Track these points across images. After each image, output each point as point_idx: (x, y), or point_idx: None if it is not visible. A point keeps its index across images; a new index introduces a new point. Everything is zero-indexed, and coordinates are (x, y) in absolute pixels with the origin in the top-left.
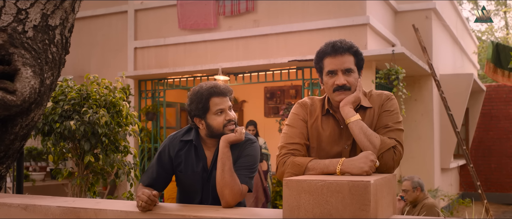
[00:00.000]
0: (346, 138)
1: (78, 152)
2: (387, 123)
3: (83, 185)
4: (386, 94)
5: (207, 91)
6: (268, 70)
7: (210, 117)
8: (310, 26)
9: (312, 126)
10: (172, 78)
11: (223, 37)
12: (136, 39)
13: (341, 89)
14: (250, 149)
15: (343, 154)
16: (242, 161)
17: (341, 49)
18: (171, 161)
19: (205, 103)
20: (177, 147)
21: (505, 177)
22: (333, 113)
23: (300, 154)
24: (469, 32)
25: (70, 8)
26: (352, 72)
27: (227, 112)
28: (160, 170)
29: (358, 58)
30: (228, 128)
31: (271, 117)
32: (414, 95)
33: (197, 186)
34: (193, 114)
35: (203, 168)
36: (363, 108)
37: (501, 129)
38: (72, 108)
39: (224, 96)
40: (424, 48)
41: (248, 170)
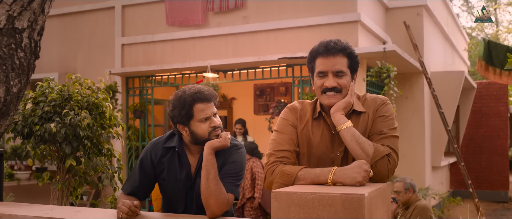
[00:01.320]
0: (338, 144)
1: (59, 155)
2: (381, 129)
3: (65, 190)
4: (381, 99)
5: (190, 97)
6: (258, 67)
7: (194, 124)
8: (300, 23)
9: (302, 131)
10: (160, 75)
11: (211, 34)
12: (123, 36)
13: (331, 92)
14: (235, 155)
15: (335, 161)
16: (227, 168)
17: (334, 50)
18: (153, 167)
19: (189, 110)
20: (159, 153)
21: (495, 175)
22: (324, 117)
23: (289, 162)
24: (460, 28)
25: (39, 9)
26: (344, 75)
27: (212, 119)
28: (142, 177)
29: (353, 61)
30: (213, 135)
31: (260, 115)
32: (405, 93)
33: (180, 194)
34: (176, 120)
35: (187, 175)
36: (357, 113)
37: (491, 126)
38: (53, 110)
39: (208, 102)
40: (415, 45)
41: (234, 178)
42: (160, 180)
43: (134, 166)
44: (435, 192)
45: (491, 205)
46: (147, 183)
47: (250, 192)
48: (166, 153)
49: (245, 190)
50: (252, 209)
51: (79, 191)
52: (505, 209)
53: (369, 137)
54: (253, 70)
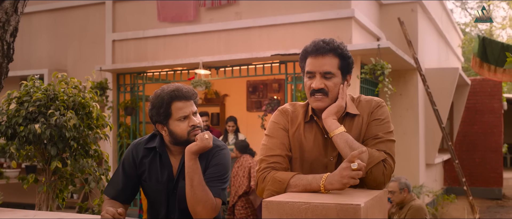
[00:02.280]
0: (332, 149)
1: (45, 156)
2: (377, 133)
3: (50, 192)
4: (376, 101)
5: (168, 95)
6: (251, 64)
7: (173, 123)
8: (294, 19)
9: (294, 135)
10: (152, 72)
11: (204, 30)
12: (114, 32)
13: (318, 94)
14: (219, 157)
15: (329, 166)
16: (211, 171)
17: (323, 50)
18: (135, 169)
19: (167, 108)
20: (140, 154)
21: (489, 172)
22: (317, 120)
23: (281, 167)
24: (454, 24)
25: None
26: (333, 76)
27: (191, 117)
28: (126, 179)
29: (344, 62)
30: (193, 134)
31: (253, 111)
32: (399, 90)
33: (162, 196)
34: (154, 119)
35: (169, 177)
36: (350, 116)
37: (485, 123)
38: (38, 110)
39: (187, 100)
40: (409, 42)
41: (220, 181)
42: (142, 182)
43: (117, 168)
44: (429, 189)
45: (485, 202)
46: (131, 185)
47: (242, 189)
48: (148, 153)
49: (237, 188)
50: (243, 208)
51: (65, 193)
52: (499, 206)
53: (363, 141)
54: (246, 67)
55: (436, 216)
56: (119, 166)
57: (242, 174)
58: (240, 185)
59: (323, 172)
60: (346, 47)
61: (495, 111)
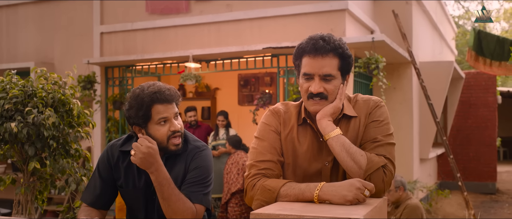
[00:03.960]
0: (327, 153)
1: (22, 156)
2: (375, 136)
3: (29, 194)
4: (374, 101)
5: (149, 97)
6: (242, 57)
7: (152, 127)
8: (286, 12)
9: (286, 138)
10: (141, 65)
11: (194, 22)
12: (102, 24)
13: (316, 98)
14: (199, 159)
15: (323, 172)
16: (191, 175)
17: (323, 50)
18: (112, 172)
19: (147, 111)
20: (116, 157)
21: (483, 166)
22: (310, 123)
23: (273, 174)
24: (448, 17)
25: None
26: (333, 79)
27: (172, 122)
28: (103, 184)
29: (345, 62)
30: (172, 141)
31: (245, 105)
32: (393, 84)
33: (140, 203)
34: (132, 121)
35: (146, 183)
36: (347, 118)
37: (479, 117)
38: (14, 107)
39: (169, 103)
40: (404, 34)
41: (201, 185)
42: (118, 187)
43: (93, 171)
44: (423, 185)
45: (479, 196)
46: (109, 189)
47: (235, 186)
48: (124, 157)
49: (231, 185)
50: (237, 205)
51: (45, 195)
52: (493, 201)
53: (361, 145)
54: (237, 60)
55: (430, 212)
56: (95, 170)
57: (236, 171)
58: (234, 182)
59: (317, 178)
60: (346, 45)
61: (490, 104)
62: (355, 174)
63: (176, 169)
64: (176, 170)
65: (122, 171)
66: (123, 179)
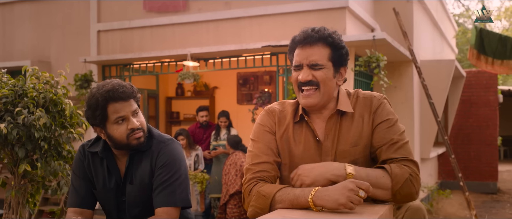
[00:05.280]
0: (325, 153)
1: (13, 158)
2: (391, 137)
3: (20, 197)
4: (377, 99)
5: (103, 96)
6: (241, 56)
7: (110, 126)
8: (285, 9)
9: (281, 137)
10: (138, 63)
11: (192, 20)
12: (99, 22)
13: (306, 86)
14: (164, 156)
15: None
16: (159, 174)
17: (311, 38)
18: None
19: (102, 110)
20: (87, 158)
21: (484, 166)
22: (307, 120)
23: (269, 176)
24: (448, 15)
25: None
26: (322, 68)
27: (130, 119)
28: (83, 183)
29: (337, 52)
30: (133, 137)
31: (244, 104)
32: (394, 83)
33: (111, 204)
34: (90, 122)
35: (117, 183)
36: (341, 114)
37: (481, 116)
38: (4, 108)
39: (124, 101)
40: (405, 33)
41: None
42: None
43: (71, 176)
44: (424, 185)
45: (480, 196)
46: (90, 188)
47: (233, 187)
48: (93, 158)
49: (229, 186)
50: (236, 207)
51: (37, 198)
52: (494, 201)
53: (378, 148)
54: (236, 58)
55: (432, 212)
56: (72, 173)
57: (234, 172)
58: (232, 183)
59: None
60: (340, 36)
61: (491, 103)
62: (386, 197)
63: (142, 166)
64: (142, 168)
65: (93, 172)
66: (95, 180)
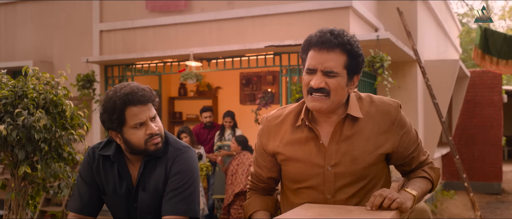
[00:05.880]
0: (328, 157)
1: (13, 160)
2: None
3: (20, 199)
4: (394, 107)
5: (121, 99)
6: (244, 56)
7: (128, 131)
8: (289, 9)
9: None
10: (141, 63)
11: (195, 20)
12: (101, 22)
13: (316, 93)
14: (179, 163)
15: (326, 177)
16: (172, 181)
17: (329, 44)
18: (94, 176)
19: (120, 114)
20: (96, 161)
21: (488, 166)
22: (309, 125)
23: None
24: (452, 15)
25: None
26: (337, 75)
27: (148, 124)
28: (88, 189)
29: (353, 61)
30: (151, 143)
31: (247, 104)
32: (398, 83)
33: (122, 211)
34: (107, 126)
35: (128, 189)
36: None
37: (485, 116)
38: (4, 109)
39: (143, 105)
40: (409, 32)
41: (184, 193)
42: (101, 194)
43: (76, 178)
44: None
45: (484, 197)
46: (94, 195)
47: (239, 187)
48: (104, 161)
49: (235, 186)
50: (241, 207)
51: (38, 200)
52: (499, 202)
53: (408, 157)
54: (239, 58)
55: (436, 213)
56: (78, 176)
57: (241, 171)
58: (238, 183)
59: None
60: (358, 43)
61: (495, 103)
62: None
63: (156, 173)
64: (156, 175)
65: (103, 176)
66: (104, 185)
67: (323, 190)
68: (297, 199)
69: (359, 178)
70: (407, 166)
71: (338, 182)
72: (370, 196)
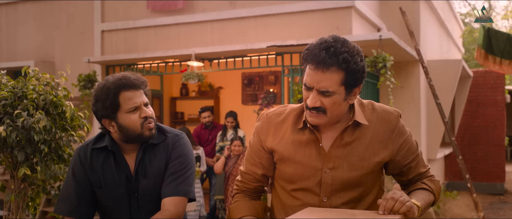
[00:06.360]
0: (327, 159)
1: (12, 162)
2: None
3: (20, 201)
4: (394, 116)
5: (114, 84)
6: (246, 56)
7: (122, 115)
8: (291, 9)
9: (279, 143)
10: (142, 64)
11: (196, 20)
12: (103, 22)
13: (313, 111)
14: (180, 148)
15: (324, 180)
16: (174, 164)
17: (324, 63)
18: (87, 174)
19: (114, 99)
20: (89, 157)
21: (491, 166)
22: (310, 127)
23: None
24: (455, 14)
25: None
26: (332, 94)
27: (142, 109)
28: (79, 189)
29: (352, 77)
30: (146, 126)
31: (249, 105)
32: (401, 83)
33: (123, 201)
34: (100, 114)
35: (127, 178)
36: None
37: (488, 116)
38: (3, 110)
39: (136, 89)
40: (411, 32)
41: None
42: (96, 190)
43: (65, 179)
44: None
45: (487, 197)
46: (87, 196)
47: None
48: (98, 155)
49: None
50: None
51: (38, 202)
52: (502, 202)
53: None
54: (241, 58)
55: (439, 213)
56: (68, 176)
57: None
58: None
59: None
60: (358, 56)
61: (498, 103)
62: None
63: (157, 160)
64: (157, 161)
65: (99, 169)
66: (101, 178)
67: (318, 192)
68: (291, 200)
69: (355, 184)
70: (404, 176)
71: (335, 185)
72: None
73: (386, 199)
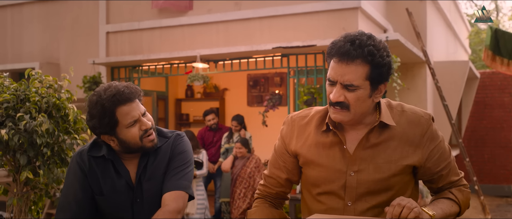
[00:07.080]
0: (352, 162)
1: (15, 165)
2: (448, 160)
3: (22, 205)
4: (426, 119)
5: (109, 101)
6: (251, 57)
7: (122, 131)
8: (297, 10)
9: (302, 147)
10: (147, 65)
11: (201, 21)
12: (108, 23)
13: (337, 107)
14: (183, 145)
15: (348, 183)
16: (177, 159)
17: (349, 56)
18: (87, 179)
19: (111, 116)
20: (88, 163)
21: (498, 168)
22: (333, 129)
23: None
24: (462, 15)
25: None
26: (356, 89)
27: (141, 120)
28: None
29: (377, 71)
30: (147, 139)
31: (254, 106)
32: (407, 84)
33: (126, 209)
34: (98, 131)
35: (127, 185)
36: (384, 126)
37: (495, 117)
38: (5, 113)
39: (132, 102)
40: (418, 33)
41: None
42: (97, 197)
43: (63, 186)
44: None
45: (494, 199)
46: (87, 201)
47: None
48: (96, 163)
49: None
50: None
51: (40, 206)
52: (509, 204)
53: (436, 174)
54: (246, 60)
55: None
56: (67, 184)
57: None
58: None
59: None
60: (384, 50)
61: (505, 105)
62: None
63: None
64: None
65: (99, 176)
66: (101, 185)
67: (343, 196)
68: (316, 205)
69: (382, 189)
70: (434, 184)
71: (360, 189)
72: None
73: (393, 205)
